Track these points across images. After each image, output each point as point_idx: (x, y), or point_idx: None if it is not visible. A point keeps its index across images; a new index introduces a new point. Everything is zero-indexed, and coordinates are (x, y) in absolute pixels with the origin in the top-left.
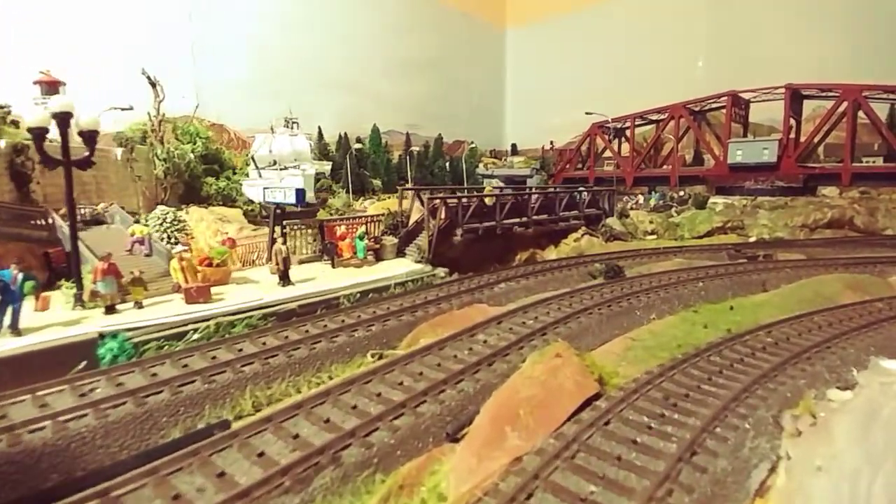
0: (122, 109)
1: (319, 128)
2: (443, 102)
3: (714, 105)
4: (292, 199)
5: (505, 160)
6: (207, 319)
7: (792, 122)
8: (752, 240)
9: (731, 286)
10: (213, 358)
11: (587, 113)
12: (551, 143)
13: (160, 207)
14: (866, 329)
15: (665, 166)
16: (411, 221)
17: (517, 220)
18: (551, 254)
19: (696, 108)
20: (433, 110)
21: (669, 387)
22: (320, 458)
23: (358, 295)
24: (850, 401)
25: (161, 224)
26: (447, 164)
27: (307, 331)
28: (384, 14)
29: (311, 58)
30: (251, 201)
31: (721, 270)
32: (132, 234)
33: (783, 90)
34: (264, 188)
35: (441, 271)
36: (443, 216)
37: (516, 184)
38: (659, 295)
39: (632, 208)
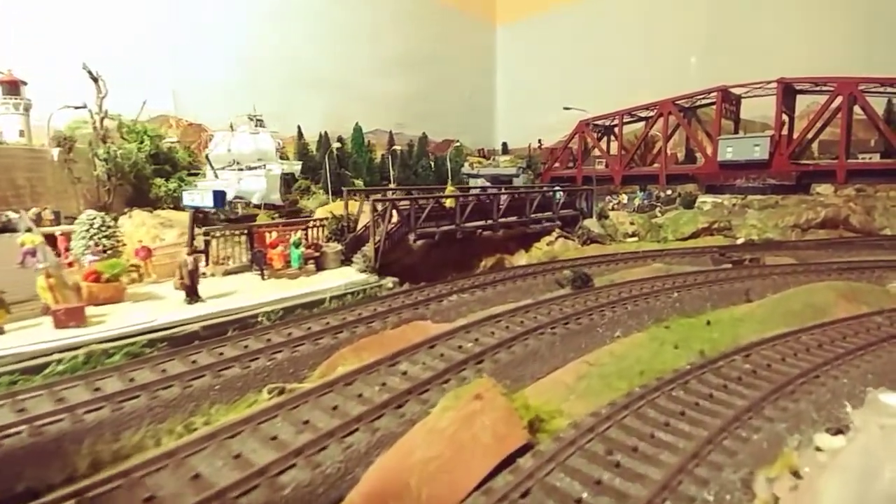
0: (76, 108)
1: (299, 127)
2: (431, 101)
3: (704, 101)
4: (209, 203)
5: (492, 159)
6: (77, 348)
7: (785, 117)
8: (739, 242)
9: (710, 296)
10: (59, 400)
11: (565, 108)
12: (539, 141)
13: (87, 212)
14: (863, 351)
15: (654, 164)
16: (360, 225)
17: (482, 222)
18: (521, 259)
19: (686, 105)
20: (421, 109)
21: (617, 436)
22: None
23: (281, 312)
24: (843, 451)
25: (87, 230)
26: (432, 163)
27: (194, 361)
28: (370, 10)
29: (294, 55)
30: None
31: (700, 278)
32: (22, 245)
33: (775, 84)
34: (183, 190)
35: (389, 281)
36: (394, 220)
37: (502, 183)
38: (627, 308)
39: (613, 208)
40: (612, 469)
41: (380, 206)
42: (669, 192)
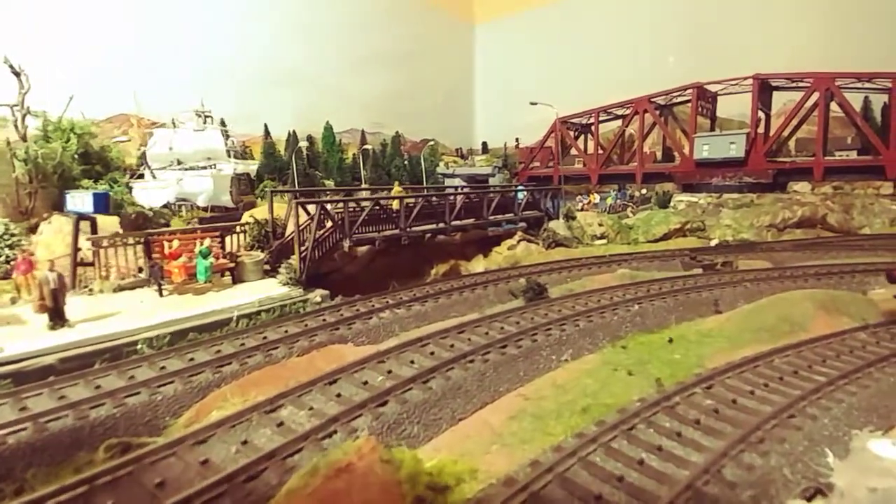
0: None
1: (265, 125)
2: (409, 100)
3: (680, 98)
4: (89, 207)
5: (469, 159)
6: None
7: (761, 114)
8: (713, 243)
9: (675, 308)
10: None
11: (532, 103)
12: (517, 140)
13: None
14: (846, 380)
15: (632, 163)
16: (288, 231)
17: (433, 226)
18: (479, 265)
19: (662, 102)
20: (399, 108)
21: None
22: None
23: (168, 337)
24: None
25: None
26: (406, 163)
27: (24, 408)
28: (345, 7)
29: (265, 52)
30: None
31: (666, 286)
32: None
33: (751, 81)
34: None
35: (317, 295)
36: (327, 224)
37: (478, 183)
38: (579, 326)
39: (582, 209)
40: None
41: (311, 209)
42: (644, 191)
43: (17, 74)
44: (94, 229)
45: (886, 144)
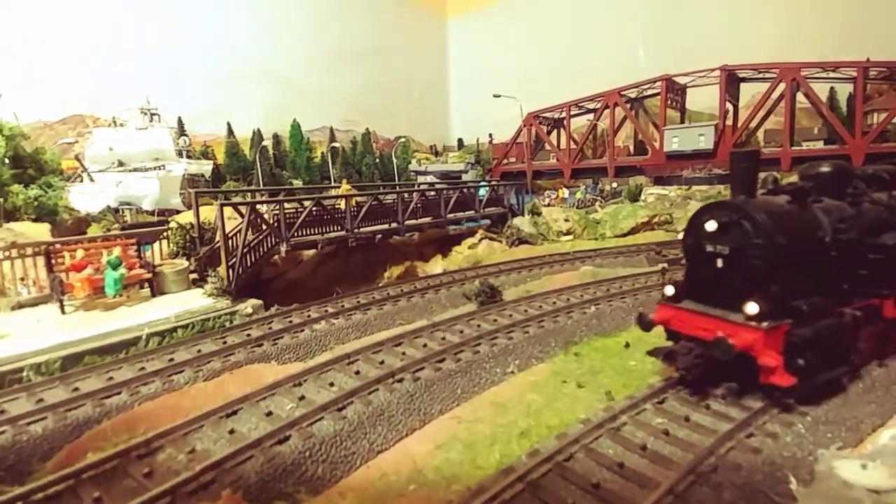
0: None
1: (228, 124)
2: (382, 97)
3: (650, 91)
4: None
5: (443, 155)
6: None
7: (729, 106)
8: (680, 236)
9: (635, 307)
10: None
11: (495, 96)
12: (490, 136)
13: None
14: None
15: (604, 157)
16: (218, 236)
17: (384, 227)
18: (437, 266)
19: (633, 95)
20: (371, 105)
21: None
22: None
23: (59, 361)
24: None
25: None
26: (377, 160)
27: None
28: (314, 2)
29: (230, 48)
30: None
31: (628, 284)
32: None
33: (718, 72)
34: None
35: (249, 306)
36: (262, 227)
37: (451, 179)
38: (528, 332)
39: (549, 204)
40: None
41: (235, 211)
42: (616, 184)
43: None
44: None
45: (852, 133)
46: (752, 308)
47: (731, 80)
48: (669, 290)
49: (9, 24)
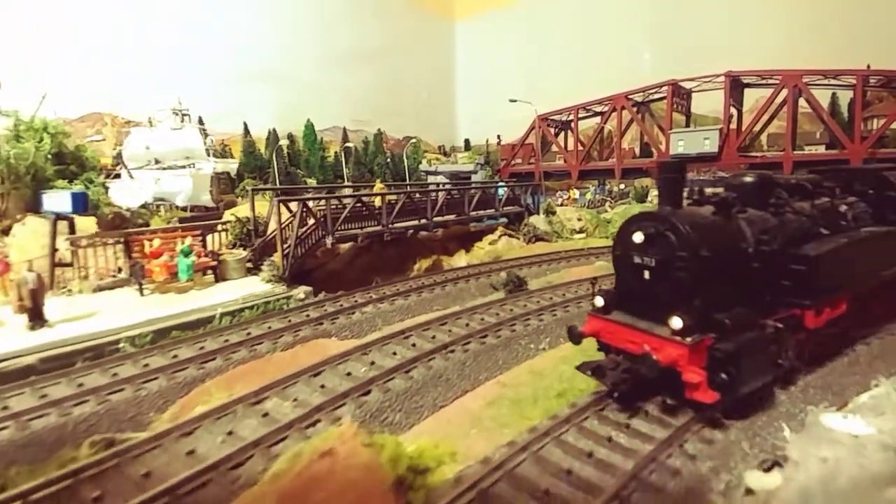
0: None
1: (245, 124)
2: (391, 97)
3: (656, 95)
4: (67, 207)
5: (452, 156)
6: None
7: (733, 111)
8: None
9: None
10: None
11: (511, 100)
12: (498, 137)
13: None
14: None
15: (611, 159)
16: (270, 229)
17: (414, 222)
18: (461, 260)
19: (639, 99)
20: (381, 106)
21: (503, 491)
22: None
23: (151, 335)
24: (778, 492)
25: None
26: (388, 160)
27: (5, 407)
28: (324, 3)
29: (243, 49)
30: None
31: None
32: None
33: (723, 78)
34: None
35: (301, 292)
36: (309, 222)
37: (461, 180)
38: (556, 315)
39: (561, 204)
40: None
41: (290, 207)
42: (623, 186)
43: None
44: (72, 229)
45: (851, 138)
46: (676, 322)
47: (736, 86)
48: (599, 302)
49: (31, 23)
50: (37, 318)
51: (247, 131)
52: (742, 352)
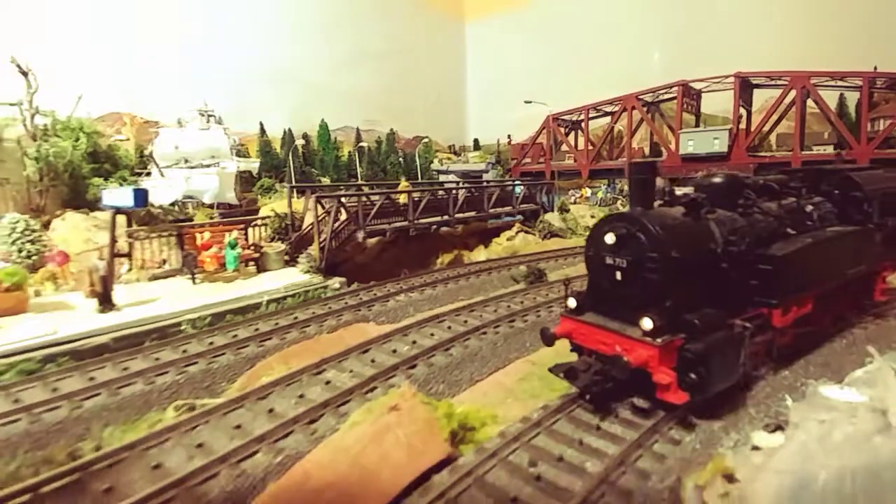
0: (11, 105)
1: (261, 123)
2: (401, 97)
3: (666, 95)
4: (129, 202)
5: (462, 155)
6: None
7: (742, 111)
8: None
9: None
10: None
11: (527, 102)
12: (508, 137)
13: (10, 215)
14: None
15: (620, 158)
16: (305, 224)
17: (438, 218)
18: (480, 254)
19: (649, 99)
20: (391, 106)
21: (543, 444)
22: None
23: (209, 318)
24: (780, 450)
25: (10, 235)
26: (401, 160)
27: (93, 378)
28: (334, 4)
29: (256, 49)
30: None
31: None
32: None
33: (732, 79)
34: (102, 189)
35: (336, 282)
36: (342, 217)
37: (472, 179)
38: None
39: (574, 202)
40: (533, 483)
41: (326, 203)
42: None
43: (25, 74)
44: (129, 223)
45: (857, 139)
46: (647, 323)
47: (745, 87)
48: (572, 303)
49: (51, 23)
50: (106, 302)
51: (263, 131)
52: (711, 352)
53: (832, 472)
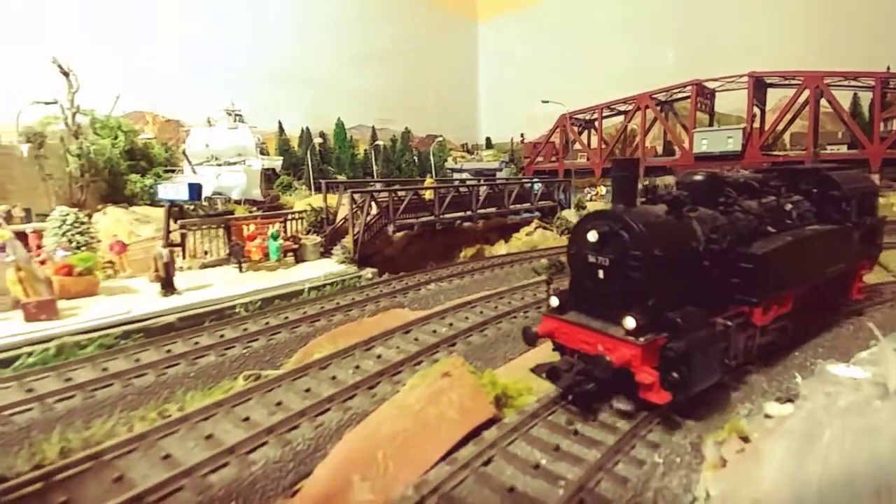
0: (46, 103)
1: (280, 122)
2: (414, 96)
3: (680, 95)
4: (184, 196)
5: (475, 154)
6: (48, 340)
7: (756, 110)
8: None
9: None
10: (29, 391)
11: (544, 101)
12: (522, 135)
13: (59, 208)
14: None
15: (634, 157)
16: (339, 218)
17: (461, 214)
18: (501, 249)
19: (663, 98)
20: (404, 104)
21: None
22: None
23: (259, 303)
24: (790, 417)
25: (60, 227)
26: (415, 158)
27: (169, 350)
28: (348, 4)
29: (275, 50)
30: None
31: None
32: None
33: (746, 78)
34: (157, 184)
35: (369, 272)
36: (373, 212)
37: (485, 177)
38: None
39: (590, 199)
40: (571, 437)
41: (358, 198)
42: (647, 182)
43: (66, 74)
44: (182, 215)
45: (870, 139)
46: (629, 322)
47: (759, 86)
48: (554, 302)
49: (76, 24)
50: (168, 286)
51: (281, 130)
52: (693, 350)
53: (835, 430)
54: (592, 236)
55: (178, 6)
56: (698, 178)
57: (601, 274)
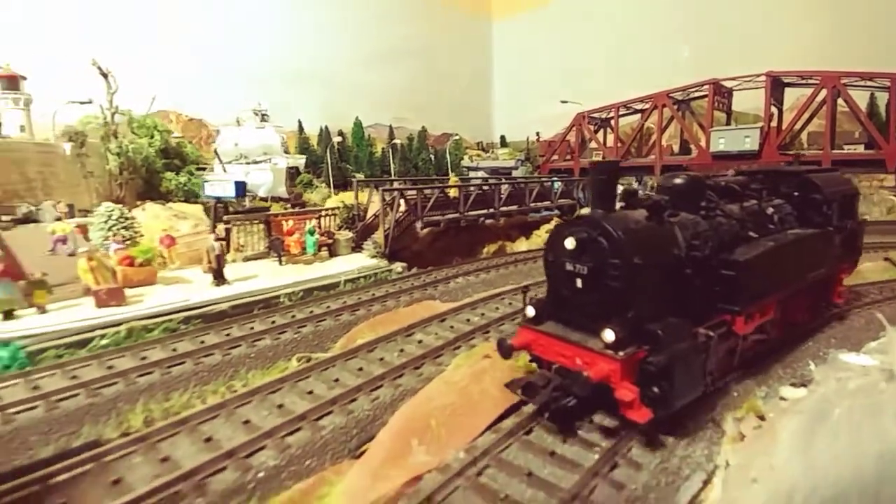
0: (82, 103)
1: (299, 121)
2: (429, 95)
3: (697, 94)
4: (231, 193)
5: (491, 152)
6: (118, 324)
7: (774, 109)
8: None
9: None
10: (110, 367)
11: (562, 101)
12: (537, 134)
13: (105, 204)
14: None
15: (650, 156)
16: (369, 215)
17: (484, 211)
18: (522, 245)
19: (680, 97)
20: (419, 103)
21: None
22: (182, 484)
23: (301, 293)
24: (803, 399)
25: (106, 221)
26: (432, 156)
27: (228, 334)
28: (364, 4)
29: (293, 50)
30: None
31: None
32: (52, 233)
33: (763, 78)
34: (204, 181)
35: (398, 266)
36: (402, 209)
37: (501, 175)
38: None
39: None
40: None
41: (388, 196)
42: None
43: (105, 76)
44: (226, 211)
45: (887, 139)
46: (608, 335)
47: (776, 85)
48: (530, 311)
49: (102, 24)
50: (220, 277)
51: (301, 128)
52: (674, 364)
53: (844, 409)
54: (570, 243)
55: (199, 7)
56: (679, 181)
57: (579, 283)
